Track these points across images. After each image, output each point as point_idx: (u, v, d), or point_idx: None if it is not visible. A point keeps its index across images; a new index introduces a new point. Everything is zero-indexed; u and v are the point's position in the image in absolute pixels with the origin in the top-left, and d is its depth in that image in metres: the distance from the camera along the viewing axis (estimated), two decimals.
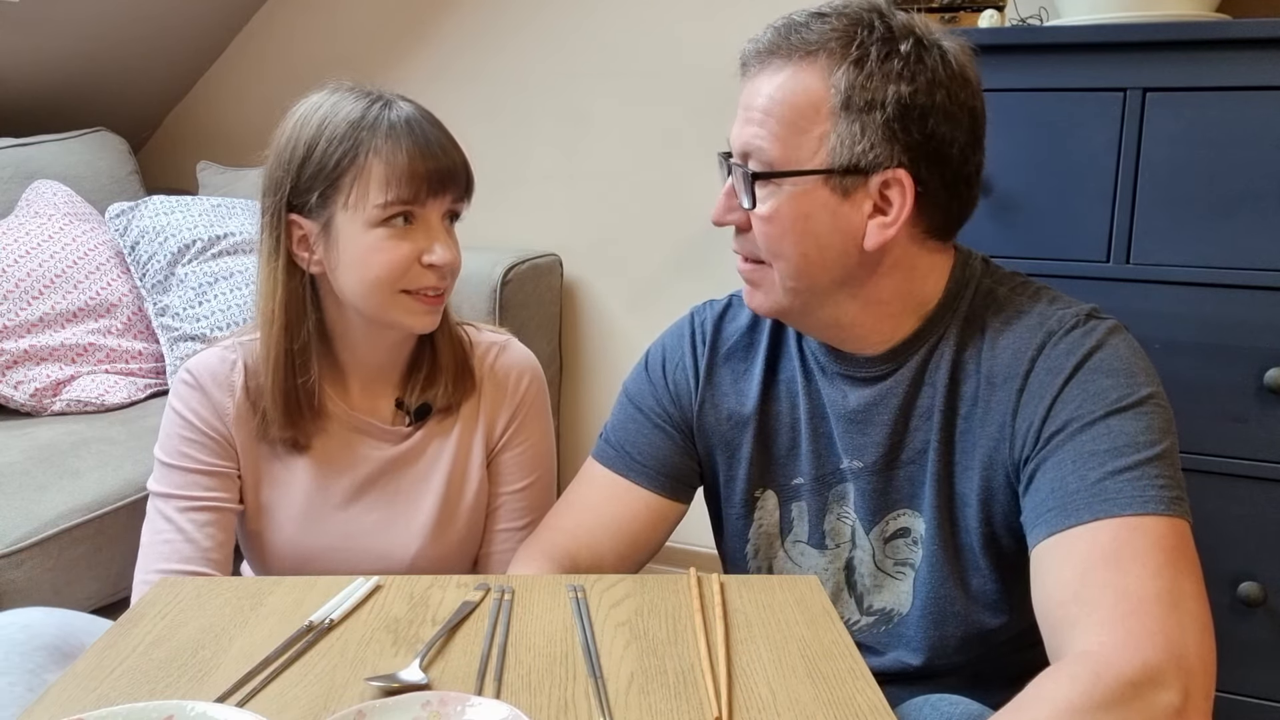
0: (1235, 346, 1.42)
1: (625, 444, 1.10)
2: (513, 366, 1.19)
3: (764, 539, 1.07)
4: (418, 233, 1.04)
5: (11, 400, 1.74)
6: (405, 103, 1.06)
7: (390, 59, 2.42)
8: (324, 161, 1.02)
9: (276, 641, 0.83)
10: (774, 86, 0.91)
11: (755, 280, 0.98)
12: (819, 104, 0.89)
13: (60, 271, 1.82)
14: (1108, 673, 0.72)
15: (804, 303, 0.96)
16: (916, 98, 0.89)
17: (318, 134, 1.03)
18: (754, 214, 0.93)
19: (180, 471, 1.09)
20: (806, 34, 0.90)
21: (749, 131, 0.92)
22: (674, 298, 2.24)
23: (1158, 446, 0.84)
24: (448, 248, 1.05)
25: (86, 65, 2.27)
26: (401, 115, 1.04)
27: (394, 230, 1.03)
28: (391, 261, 1.03)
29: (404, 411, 1.15)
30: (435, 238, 1.04)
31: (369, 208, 1.02)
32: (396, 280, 1.04)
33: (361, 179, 1.02)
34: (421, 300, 1.06)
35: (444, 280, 1.07)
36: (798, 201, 0.91)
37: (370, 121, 1.02)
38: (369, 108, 1.04)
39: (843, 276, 0.94)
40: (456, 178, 1.05)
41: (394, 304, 1.05)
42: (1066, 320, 0.93)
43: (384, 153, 1.01)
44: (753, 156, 0.92)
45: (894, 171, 0.90)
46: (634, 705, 0.74)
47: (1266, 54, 1.35)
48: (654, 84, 2.21)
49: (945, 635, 0.98)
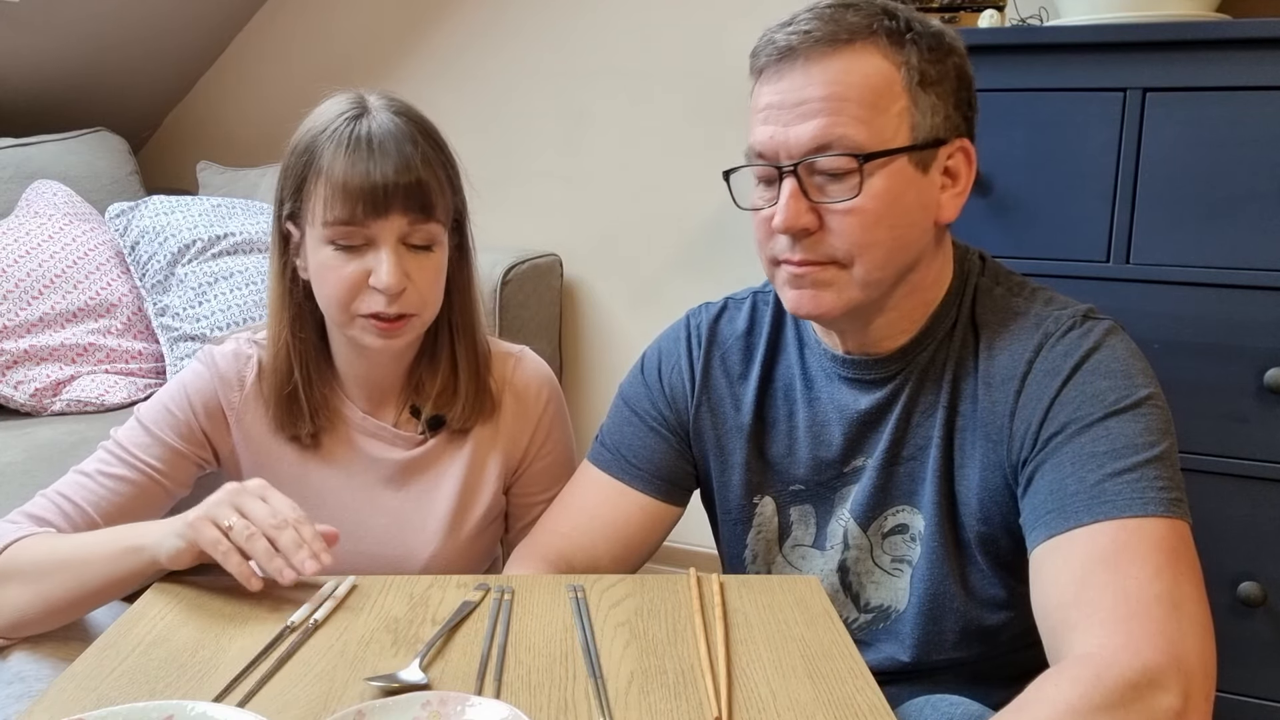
0: (1235, 346, 1.42)
1: (621, 447, 1.10)
2: (530, 383, 1.17)
3: (762, 545, 1.07)
4: (366, 253, 1.00)
5: (11, 400, 1.74)
6: (386, 113, 1.02)
7: (390, 59, 2.42)
8: (293, 171, 1.03)
9: (278, 642, 0.83)
10: (838, 72, 0.88)
11: (825, 281, 0.92)
12: (892, 81, 0.89)
13: (60, 271, 1.82)
14: (1108, 674, 0.72)
15: (878, 297, 0.94)
16: (965, 67, 0.93)
17: (297, 142, 1.03)
18: (845, 206, 0.88)
19: (146, 433, 1.09)
20: (846, 20, 0.89)
21: (823, 123, 0.87)
22: (674, 298, 2.24)
23: (1157, 448, 0.84)
24: (392, 272, 0.99)
25: (86, 65, 2.27)
26: (359, 130, 0.99)
27: (340, 250, 1.00)
28: (338, 280, 1.01)
29: (417, 419, 1.14)
30: (382, 260, 0.99)
31: (318, 224, 1.01)
32: (347, 300, 1.01)
33: (315, 193, 1.01)
34: (372, 324, 1.02)
35: (395, 305, 1.01)
36: (891, 182, 0.89)
37: (329, 134, 1.00)
38: (338, 118, 1.01)
39: (916, 258, 0.94)
40: (403, 198, 0.99)
41: (351, 324, 1.03)
42: (1063, 321, 0.93)
43: (326, 168, 0.99)
44: (834, 146, 0.87)
45: (961, 140, 0.93)
46: (634, 705, 0.74)
47: (1266, 54, 1.35)
48: (654, 84, 2.21)
49: (942, 632, 0.98)
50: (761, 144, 0.91)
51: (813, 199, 0.89)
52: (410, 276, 1.01)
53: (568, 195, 2.33)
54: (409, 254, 1.02)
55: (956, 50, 0.92)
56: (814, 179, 0.89)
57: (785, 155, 0.90)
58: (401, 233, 1.01)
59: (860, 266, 0.91)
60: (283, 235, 1.08)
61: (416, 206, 1.00)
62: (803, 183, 0.89)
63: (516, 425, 1.16)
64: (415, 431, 1.14)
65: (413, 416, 1.14)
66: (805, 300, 0.93)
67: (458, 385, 1.12)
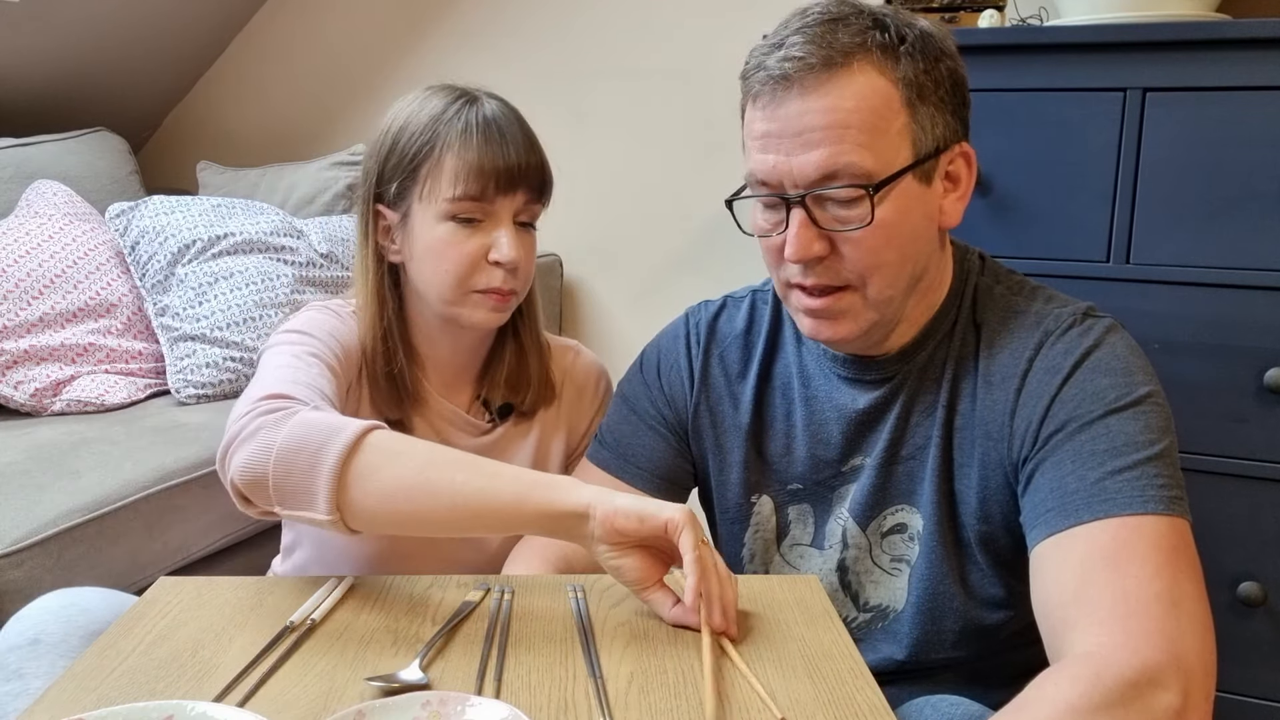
0: (1235, 346, 1.42)
1: (620, 446, 1.10)
2: (590, 373, 1.24)
3: (760, 544, 1.07)
4: (487, 229, 1.06)
5: (11, 400, 1.74)
6: (493, 101, 1.09)
7: (390, 59, 2.43)
8: (404, 153, 1.06)
9: (278, 642, 0.83)
10: (836, 98, 0.86)
11: (839, 310, 0.92)
12: (890, 99, 0.88)
13: (60, 271, 1.82)
14: (1108, 673, 0.72)
15: (891, 314, 0.94)
16: (958, 69, 0.92)
17: (403, 127, 1.07)
18: (858, 234, 0.88)
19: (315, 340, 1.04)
20: (838, 40, 0.87)
21: (828, 152, 0.86)
22: (674, 298, 2.23)
23: (1156, 446, 0.84)
24: (514, 246, 1.05)
25: (86, 65, 2.27)
26: (482, 113, 1.06)
27: (463, 225, 1.05)
28: (459, 255, 1.05)
29: (486, 408, 1.17)
30: (503, 235, 1.05)
31: (440, 201, 1.04)
32: (464, 275, 1.05)
33: (435, 172, 1.05)
34: (489, 297, 1.07)
35: (511, 279, 1.07)
36: (899, 202, 0.89)
37: (449, 117, 1.05)
38: (451, 104, 1.06)
39: (923, 268, 0.94)
40: (528, 177, 1.06)
41: (463, 301, 1.07)
42: (1063, 319, 0.93)
43: (456, 147, 1.04)
44: (841, 175, 0.87)
45: (960, 145, 0.93)
46: (634, 705, 0.74)
47: (1266, 54, 1.35)
48: (654, 84, 2.21)
49: (941, 631, 0.98)
50: (764, 172, 0.90)
51: (823, 226, 0.89)
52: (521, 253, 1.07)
53: (568, 195, 2.31)
54: (519, 231, 1.08)
55: (948, 53, 0.91)
56: (823, 206, 0.89)
57: (791, 185, 0.89)
58: (517, 210, 1.07)
59: (873, 287, 0.91)
60: (374, 218, 1.10)
61: (536, 186, 1.08)
62: (811, 212, 0.89)
63: (576, 411, 1.23)
64: (484, 420, 1.17)
65: (483, 406, 1.18)
66: (823, 329, 0.94)
67: (525, 369, 1.17)
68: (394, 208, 1.08)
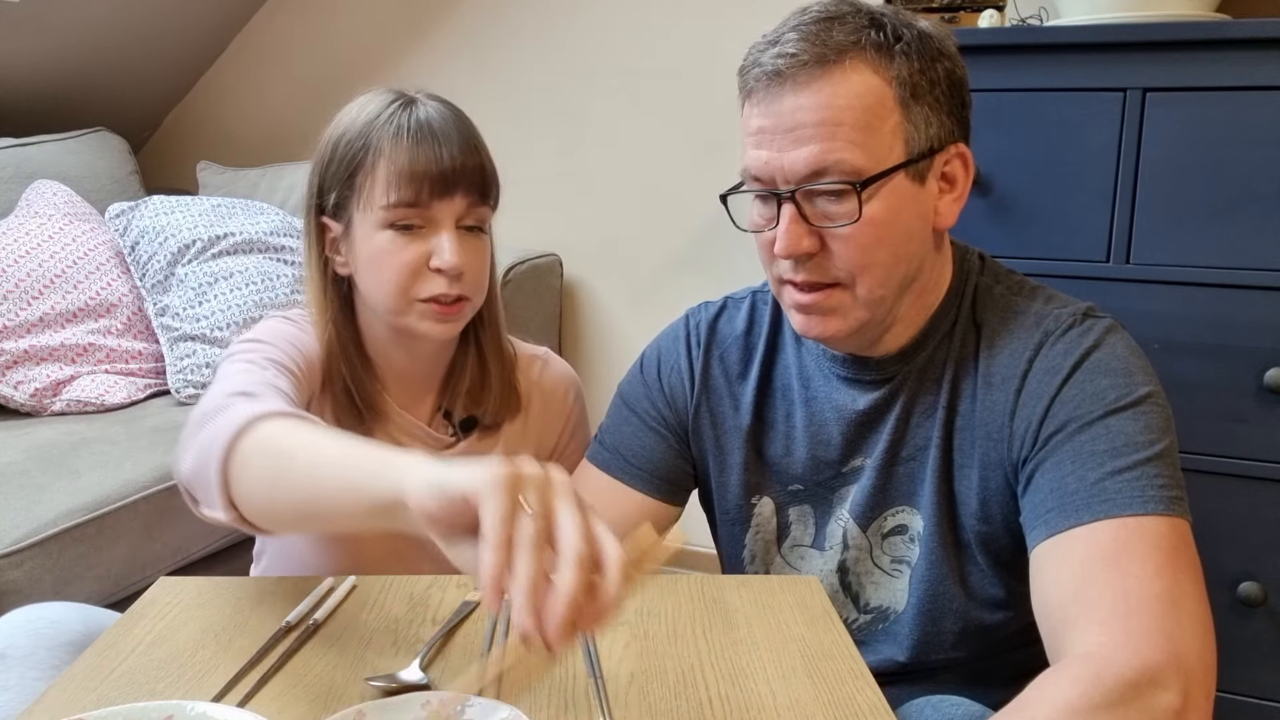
0: (1235, 346, 1.42)
1: (620, 447, 1.09)
2: (559, 384, 1.19)
3: (761, 545, 1.07)
4: (426, 236, 1.01)
5: (11, 400, 1.74)
6: (432, 102, 1.05)
7: (390, 59, 2.42)
8: (340, 161, 1.03)
9: (277, 642, 0.83)
10: (829, 95, 0.86)
11: (829, 307, 0.92)
12: (884, 98, 0.87)
13: (60, 271, 1.82)
14: (1108, 673, 0.72)
15: (883, 314, 0.94)
16: (956, 70, 0.92)
17: (341, 135, 1.03)
18: (846, 231, 0.88)
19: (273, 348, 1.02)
20: (832, 38, 0.87)
21: (818, 149, 0.86)
22: (674, 298, 2.23)
23: (1157, 446, 0.84)
24: (455, 251, 1.01)
25: (86, 65, 2.27)
26: (415, 115, 1.02)
27: (401, 233, 1.01)
28: (399, 264, 1.01)
29: (448, 421, 1.13)
30: (444, 241, 1.01)
31: (376, 209, 1.01)
32: (406, 285, 1.02)
33: (370, 179, 1.01)
34: (436, 308, 1.03)
35: (457, 285, 1.02)
36: (889, 200, 0.89)
37: (382, 122, 1.01)
38: (387, 108, 1.02)
39: (917, 269, 0.94)
40: (466, 179, 1.01)
41: (409, 310, 1.03)
42: (1063, 319, 0.93)
43: (388, 152, 1.00)
44: (831, 171, 0.87)
45: (956, 145, 0.92)
46: (634, 705, 0.74)
47: (1266, 54, 1.35)
48: (654, 84, 2.21)
49: (941, 632, 0.98)
50: (757, 168, 0.91)
51: (813, 223, 0.89)
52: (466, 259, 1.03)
53: (568, 195, 2.33)
54: (464, 236, 1.03)
55: (946, 53, 0.91)
56: (813, 202, 0.89)
57: (782, 180, 0.89)
58: (459, 215, 1.02)
59: (863, 285, 0.91)
60: (318, 230, 1.07)
61: (477, 189, 1.03)
62: (801, 208, 0.89)
63: (544, 423, 1.18)
64: (447, 434, 1.13)
65: (444, 419, 1.14)
66: (813, 325, 0.94)
67: (487, 379, 1.13)
68: (336, 218, 1.05)
